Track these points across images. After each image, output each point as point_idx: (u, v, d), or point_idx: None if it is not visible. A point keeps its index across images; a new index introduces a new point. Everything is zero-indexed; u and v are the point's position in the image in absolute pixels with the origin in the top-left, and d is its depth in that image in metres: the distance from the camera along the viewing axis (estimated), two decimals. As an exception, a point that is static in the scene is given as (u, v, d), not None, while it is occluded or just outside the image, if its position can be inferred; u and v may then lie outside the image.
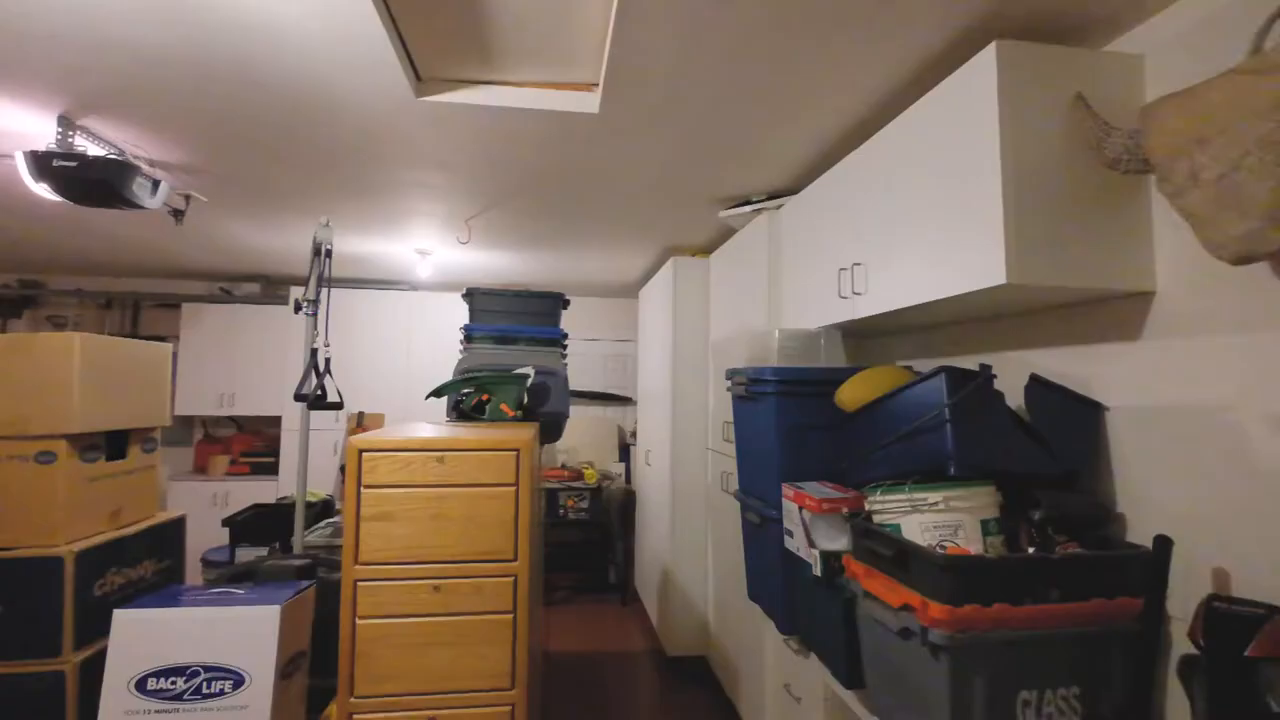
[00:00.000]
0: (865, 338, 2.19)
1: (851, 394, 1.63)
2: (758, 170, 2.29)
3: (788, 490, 1.70)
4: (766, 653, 2.11)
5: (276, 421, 4.35)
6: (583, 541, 3.89)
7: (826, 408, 1.79)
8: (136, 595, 1.67)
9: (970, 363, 1.69)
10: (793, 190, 2.40)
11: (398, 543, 1.58)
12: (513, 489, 1.62)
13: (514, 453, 1.62)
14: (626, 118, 1.89)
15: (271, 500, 3.66)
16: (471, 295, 2.71)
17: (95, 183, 1.98)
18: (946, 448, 1.28)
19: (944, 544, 1.24)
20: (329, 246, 2.07)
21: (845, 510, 1.50)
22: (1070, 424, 1.33)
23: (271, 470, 4.28)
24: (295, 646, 1.65)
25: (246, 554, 2.60)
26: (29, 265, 4.21)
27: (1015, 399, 1.45)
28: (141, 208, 2.14)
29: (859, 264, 1.70)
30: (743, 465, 2.10)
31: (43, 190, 1.98)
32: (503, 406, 2.22)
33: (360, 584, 1.56)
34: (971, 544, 1.24)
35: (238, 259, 3.95)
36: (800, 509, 1.62)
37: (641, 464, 3.80)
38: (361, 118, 1.92)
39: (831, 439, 1.81)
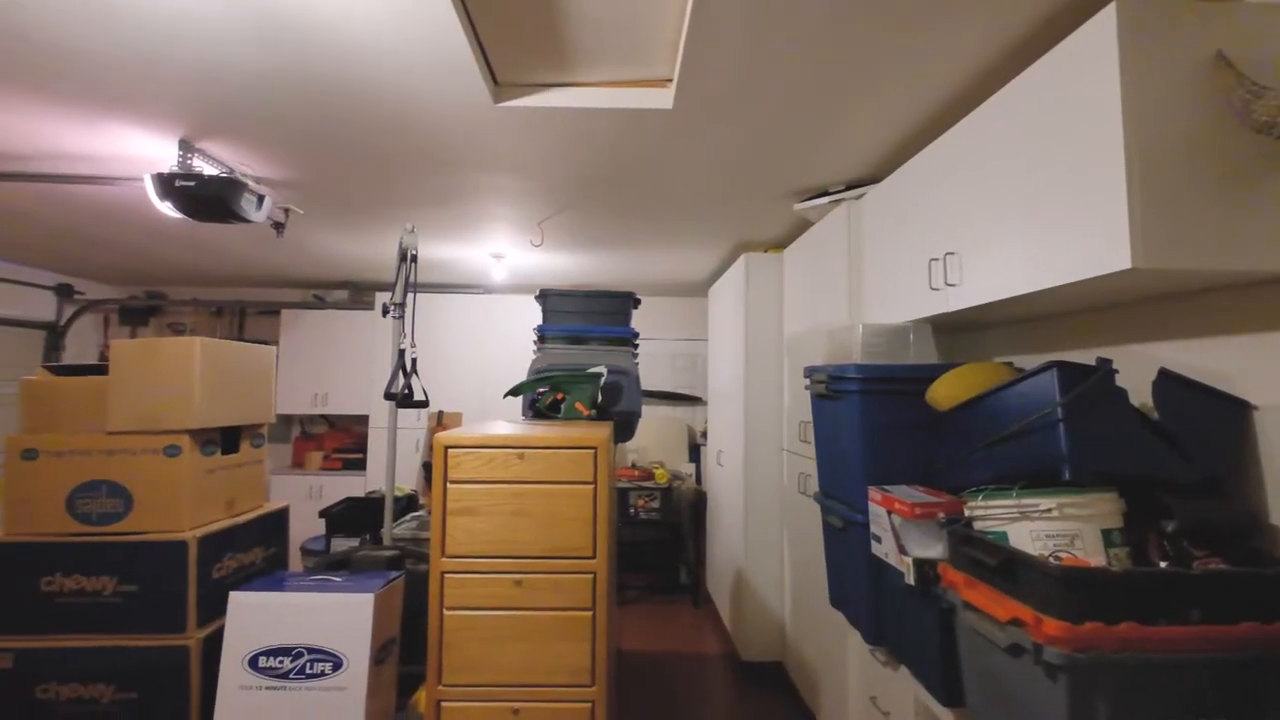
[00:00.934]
0: (957, 332, 2.05)
1: (946, 391, 1.53)
2: (835, 160, 2.20)
3: (875, 494, 1.61)
4: (850, 662, 2.02)
5: (364, 420, 4.61)
6: (653, 541, 3.88)
7: (915, 406, 1.69)
8: (248, 579, 1.80)
9: (1080, 357, 1.55)
10: (873, 179, 2.29)
11: (481, 537, 1.62)
12: (590, 487, 1.62)
13: (591, 450, 1.63)
14: (700, 112, 1.86)
15: (360, 494, 3.89)
16: (544, 296, 2.76)
17: (210, 199, 2.16)
18: (1060, 450, 1.17)
19: (1058, 554, 1.13)
20: (414, 251, 2.16)
21: (941, 516, 1.40)
22: (1209, 424, 1.19)
23: (360, 466, 4.54)
24: (387, 633, 1.72)
25: (340, 544, 2.77)
26: (154, 278, 4.67)
27: (1139, 397, 1.31)
28: (249, 221, 2.32)
29: (952, 253, 1.60)
30: (823, 467, 2.02)
31: (166, 208, 2.18)
32: (577, 405, 2.25)
33: (447, 576, 1.62)
34: (1091, 555, 1.12)
35: (328, 267, 4.22)
36: (889, 514, 1.53)
37: (713, 464, 3.75)
38: (442, 126, 1.99)
39: (920, 440, 1.71)
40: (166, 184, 2.12)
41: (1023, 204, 1.34)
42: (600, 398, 2.31)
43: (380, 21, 1.46)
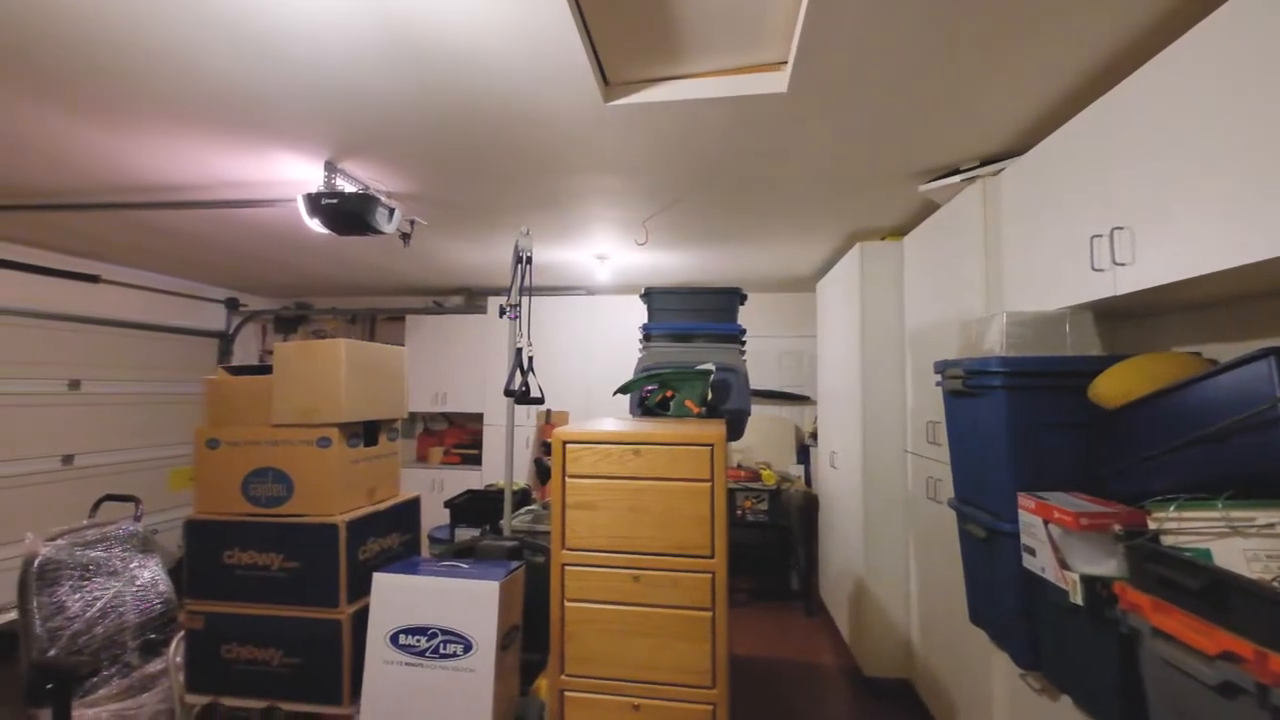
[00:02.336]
0: (1122, 320, 1.80)
1: (1117, 386, 1.34)
2: (967, 134, 2.02)
3: (1027, 501, 1.45)
4: (995, 687, 1.83)
5: (479, 418, 4.88)
6: (761, 544, 3.77)
7: (1072, 403, 1.51)
8: (386, 562, 1.94)
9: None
10: (1012, 152, 2.07)
11: (600, 531, 1.64)
12: (708, 485, 1.59)
13: (708, 448, 1.59)
14: (817, 92, 1.77)
15: (477, 487, 4.11)
16: (649, 295, 2.76)
17: (350, 214, 2.36)
18: (1282, 453, 0.98)
19: (1285, 579, 0.94)
20: (529, 253, 2.23)
21: (1117, 528, 1.23)
22: None
23: (476, 461, 4.81)
24: (510, 620, 1.79)
25: (462, 533, 2.93)
26: (301, 290, 5.23)
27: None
28: (381, 233, 2.51)
29: (1121, 228, 1.39)
30: (959, 470, 1.85)
31: (315, 224, 2.40)
32: (687, 403, 2.22)
33: (567, 568, 1.65)
34: (1332, 582, 0.93)
35: (446, 274, 4.50)
36: (1046, 524, 1.37)
37: (825, 466, 3.58)
38: (554, 131, 2.04)
39: (1078, 440, 1.52)
40: (314, 202, 2.35)
41: (1221, 162, 1.13)
42: (710, 395, 2.27)
43: (501, 35, 1.52)
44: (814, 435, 4.14)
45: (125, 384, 4.23)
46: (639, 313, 4.49)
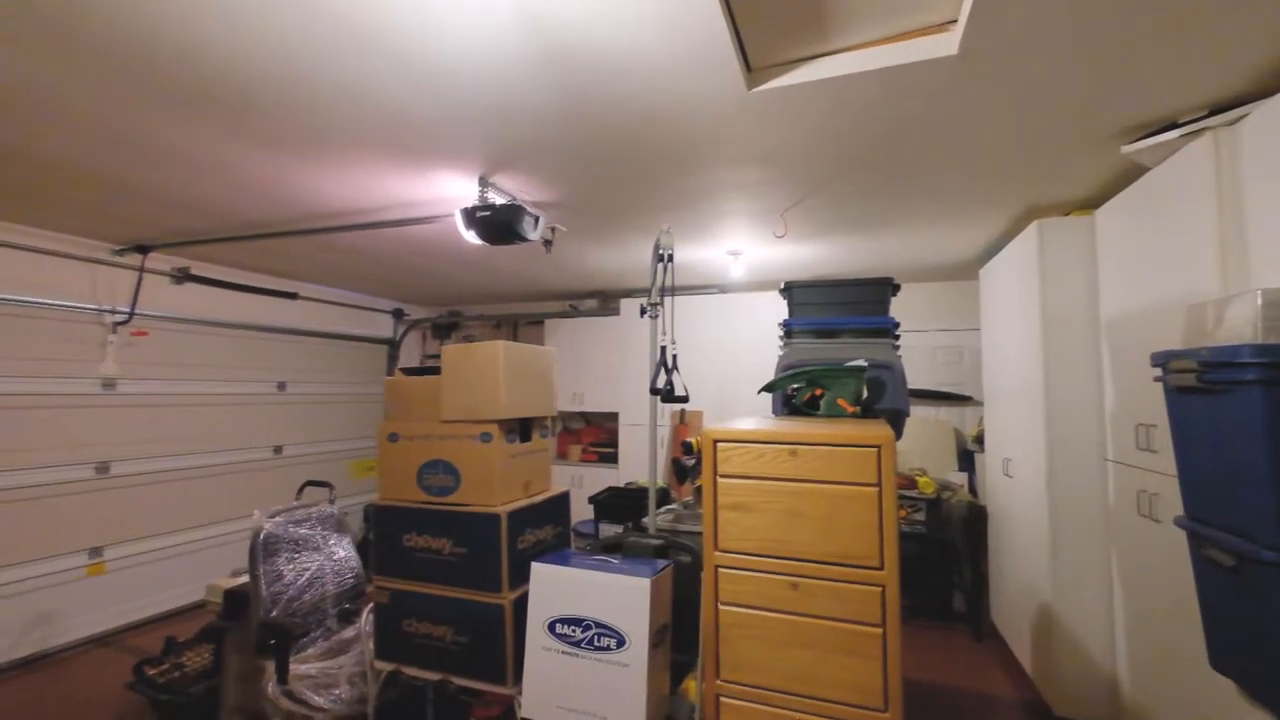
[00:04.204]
0: None
1: None
2: (1190, 76, 1.67)
3: (1305, 522, 1.15)
4: (1247, 750, 1.49)
5: (614, 417, 5.01)
6: (918, 558, 3.44)
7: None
8: (541, 553, 2.02)
9: None
10: (1254, 95, 1.69)
11: (753, 534, 1.57)
12: (875, 490, 1.46)
13: (875, 449, 1.46)
14: (995, 49, 1.56)
15: (612, 485, 4.21)
16: (789, 289, 2.63)
17: (501, 225, 2.51)
18: None
19: None
20: (670, 251, 2.22)
21: None
22: None
23: (613, 459, 4.94)
24: (661, 619, 1.78)
25: (605, 529, 3.01)
26: (453, 299, 5.72)
27: None
28: (528, 240, 2.64)
29: None
30: (1193, 482, 1.53)
31: (470, 236, 2.59)
32: (840, 401, 2.08)
33: (720, 570, 1.60)
34: None
35: (582, 278, 4.67)
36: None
37: (996, 475, 3.19)
38: (694, 126, 2.01)
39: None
40: (470, 216, 2.53)
41: None
42: (865, 393, 2.10)
43: (645, 33, 1.51)
44: (979, 439, 3.71)
45: (318, 385, 4.90)
46: (773, 309, 4.38)
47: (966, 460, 3.91)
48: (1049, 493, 2.41)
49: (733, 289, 4.78)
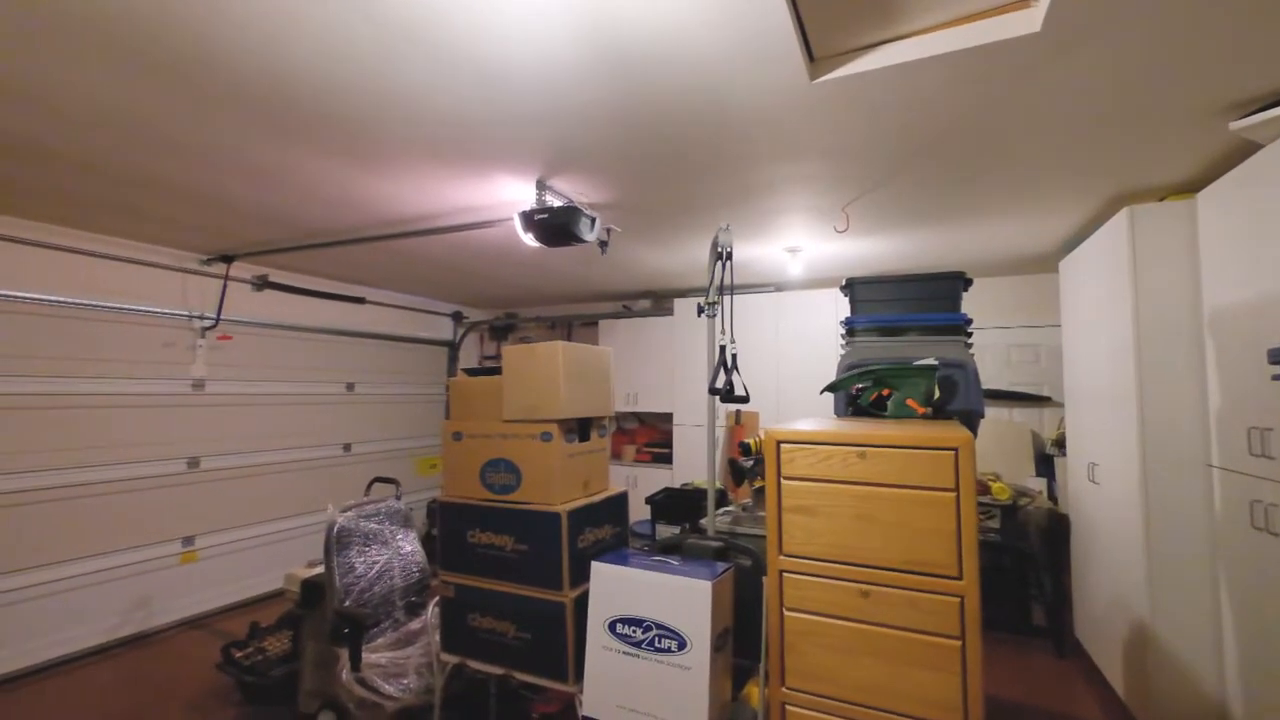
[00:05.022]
0: None
1: None
2: (1316, 42, 1.51)
3: None
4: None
5: (668, 418, 4.99)
6: (993, 568, 3.25)
7: None
8: (600, 552, 2.02)
9: None
10: (1396, 58, 1.50)
11: (820, 539, 1.52)
12: (952, 495, 1.38)
13: (952, 452, 1.39)
14: (1083, 21, 1.45)
15: (667, 485, 4.19)
16: (852, 285, 2.54)
17: (558, 227, 2.53)
18: None
19: None
20: (729, 249, 2.19)
21: None
22: None
23: (667, 460, 4.92)
24: (723, 622, 1.74)
25: (662, 530, 3.00)
26: (509, 301, 5.85)
27: None
28: (584, 242, 2.66)
29: None
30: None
31: (528, 239, 2.63)
32: (909, 402, 1.99)
33: (785, 575, 1.56)
34: None
35: (635, 278, 4.68)
36: None
37: (1079, 481, 2.98)
38: (753, 121, 1.97)
39: None
40: (528, 219, 2.57)
41: None
42: (936, 393, 2.00)
43: (704, 26, 1.48)
44: (1059, 443, 3.48)
45: (384, 386, 5.11)
46: (831, 308, 4.26)
47: (1045, 465, 3.67)
48: (1143, 501, 2.22)
49: (789, 287, 4.67)
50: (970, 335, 2.29)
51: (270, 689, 2.63)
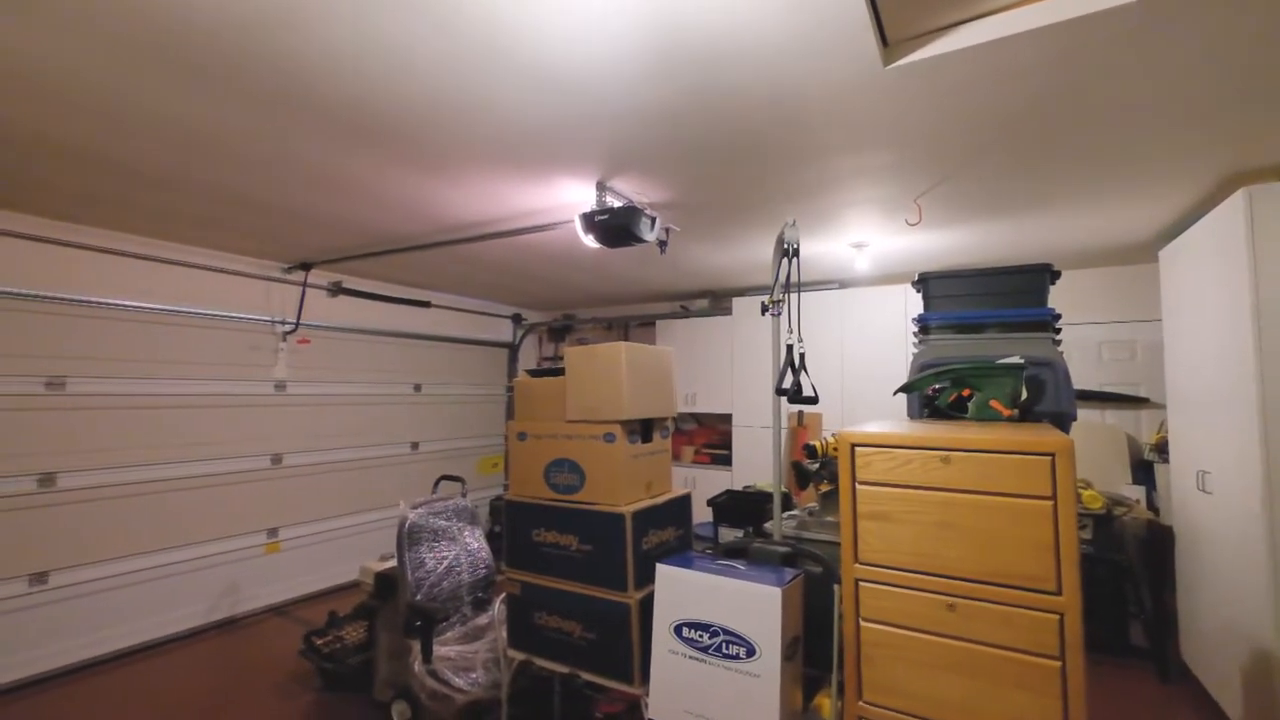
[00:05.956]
0: None
1: None
2: None
3: None
4: None
5: (727, 419, 4.91)
6: (1085, 582, 3.01)
7: None
8: (664, 554, 2.00)
9: None
10: None
11: (899, 547, 1.44)
12: (1048, 503, 1.28)
13: (1047, 457, 1.29)
14: (1197, -13, 1.32)
15: (726, 487, 4.12)
16: (925, 281, 2.41)
17: (618, 228, 2.53)
18: None
19: None
20: (796, 246, 2.12)
21: None
22: None
23: (726, 461, 4.85)
24: (793, 630, 1.69)
25: (725, 532, 2.94)
26: (568, 304, 5.92)
27: None
28: (644, 242, 2.64)
29: None
30: None
31: (589, 241, 2.64)
32: (993, 403, 1.87)
33: (861, 584, 1.49)
34: None
35: (692, 278, 4.63)
36: None
37: (1186, 490, 2.73)
38: (821, 112, 1.90)
39: None
40: (589, 220, 2.58)
41: None
42: (1023, 394, 1.87)
43: (768, 14, 1.43)
44: (1159, 448, 3.19)
45: (448, 386, 5.28)
46: (899, 305, 4.08)
47: (1143, 472, 3.38)
48: (1268, 514, 2.00)
49: (854, 284, 4.51)
50: (1059, 331, 2.13)
51: (347, 676, 2.75)
